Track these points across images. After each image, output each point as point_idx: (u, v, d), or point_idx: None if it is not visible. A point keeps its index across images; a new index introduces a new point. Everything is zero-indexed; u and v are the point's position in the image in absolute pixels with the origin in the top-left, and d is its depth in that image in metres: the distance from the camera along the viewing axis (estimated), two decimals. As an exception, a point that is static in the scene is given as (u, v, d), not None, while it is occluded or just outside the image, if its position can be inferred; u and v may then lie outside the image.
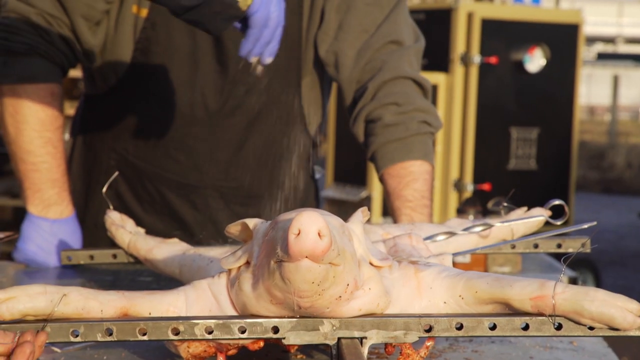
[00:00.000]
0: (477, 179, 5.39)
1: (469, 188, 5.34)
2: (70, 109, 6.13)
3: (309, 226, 1.11)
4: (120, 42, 2.16)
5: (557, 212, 1.76)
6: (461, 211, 3.00)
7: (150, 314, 1.27)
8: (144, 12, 2.14)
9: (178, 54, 2.17)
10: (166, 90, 2.19)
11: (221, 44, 2.17)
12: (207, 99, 2.20)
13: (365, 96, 2.16)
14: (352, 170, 5.57)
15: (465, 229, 1.68)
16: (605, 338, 1.58)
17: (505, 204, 1.79)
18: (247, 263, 1.26)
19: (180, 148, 2.23)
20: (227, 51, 2.17)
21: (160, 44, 2.16)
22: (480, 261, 2.70)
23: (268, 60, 1.83)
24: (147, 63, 2.17)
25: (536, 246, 1.74)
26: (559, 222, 1.72)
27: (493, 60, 5.33)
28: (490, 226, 1.69)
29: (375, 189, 5.34)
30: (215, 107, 2.21)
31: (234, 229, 1.31)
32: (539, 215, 1.74)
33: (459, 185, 5.36)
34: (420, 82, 2.18)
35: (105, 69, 2.22)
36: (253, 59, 1.82)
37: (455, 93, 5.34)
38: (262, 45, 1.78)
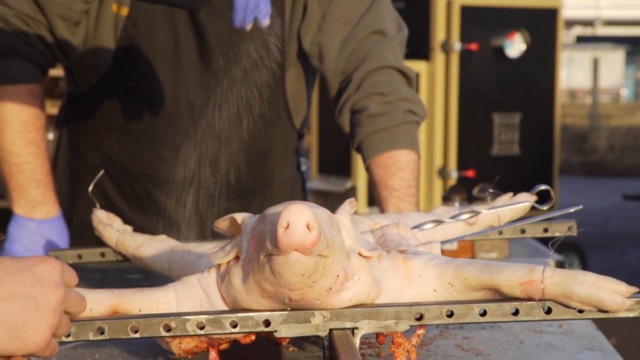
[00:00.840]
0: (461, 165, 5.40)
1: (454, 175, 5.35)
2: (52, 108, 6.11)
3: (298, 219, 1.11)
4: (101, 41, 2.15)
5: (543, 197, 1.76)
6: (447, 199, 3.02)
7: (140, 311, 1.27)
8: (125, 11, 2.13)
9: (160, 50, 2.16)
10: (149, 88, 2.19)
11: (203, 40, 2.16)
12: (191, 95, 2.19)
13: (350, 87, 2.16)
14: (337, 161, 5.57)
15: (453, 217, 1.68)
16: (594, 320, 1.59)
17: (491, 190, 1.80)
18: (237, 257, 1.26)
19: (166, 145, 2.23)
20: (210, 46, 2.16)
21: (142, 42, 2.15)
22: (467, 248, 2.71)
23: (265, 22, 1.82)
24: (129, 61, 2.17)
25: (523, 231, 1.75)
26: (545, 207, 1.73)
27: (473, 47, 5.34)
28: (477, 213, 1.69)
29: (360, 180, 5.35)
30: (200, 103, 2.20)
31: (222, 224, 1.31)
32: (525, 200, 1.74)
33: (443, 173, 5.37)
34: (404, 71, 2.18)
35: (86, 68, 2.21)
36: (249, 26, 1.81)
37: (437, 81, 5.35)
38: (252, 10, 1.78)
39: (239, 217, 1.29)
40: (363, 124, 2.13)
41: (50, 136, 5.55)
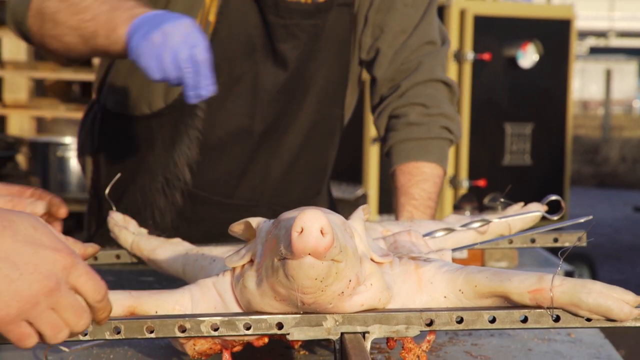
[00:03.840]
0: (472, 175, 5.42)
1: (465, 184, 5.36)
2: (67, 112, 6.16)
3: (312, 224, 1.14)
4: None
5: (553, 208, 1.78)
6: (458, 207, 3.03)
7: (156, 312, 1.29)
8: None
9: (239, 84, 2.15)
10: (225, 119, 2.18)
11: (284, 71, 2.17)
12: (265, 123, 2.20)
13: (396, 94, 2.18)
14: (348, 169, 5.59)
15: (463, 225, 1.70)
16: (602, 330, 1.61)
17: (502, 200, 1.82)
18: (251, 261, 1.29)
19: (236, 172, 2.23)
20: (290, 77, 2.17)
21: (221, 76, 2.12)
22: (477, 256, 2.73)
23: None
24: None
25: (533, 241, 1.77)
26: (555, 217, 1.75)
27: (486, 56, 5.35)
28: (487, 222, 1.71)
29: (371, 187, 5.37)
30: (273, 129, 2.22)
31: (237, 227, 1.34)
32: (536, 210, 1.76)
33: (454, 182, 5.38)
34: (450, 84, 2.21)
35: (153, 94, 2.18)
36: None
37: (449, 90, 5.36)
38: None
39: (254, 221, 1.31)
40: (398, 130, 2.15)
41: (67, 139, 5.58)
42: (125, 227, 1.80)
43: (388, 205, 5.32)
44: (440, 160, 2.14)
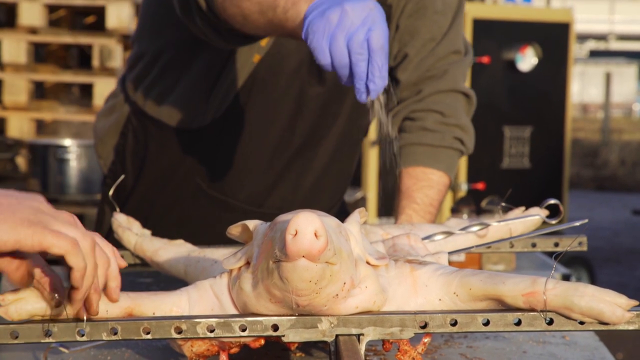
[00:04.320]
0: (471, 178, 5.43)
1: (463, 187, 5.37)
2: (66, 114, 6.16)
3: (306, 227, 1.15)
4: (232, 82, 2.15)
5: (551, 211, 1.79)
6: (455, 210, 3.05)
7: (154, 313, 1.30)
8: (257, 58, 2.13)
9: (282, 97, 2.17)
10: (267, 132, 2.20)
11: (325, 89, 2.18)
12: (304, 136, 2.22)
13: (416, 97, 2.19)
14: (347, 171, 5.60)
15: (463, 229, 1.71)
16: (598, 333, 1.62)
17: (502, 204, 1.82)
18: (248, 263, 1.30)
19: (269, 182, 2.24)
20: (332, 96, 2.19)
21: (266, 87, 2.15)
22: (474, 260, 2.74)
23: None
24: (247, 103, 2.17)
25: (534, 245, 1.77)
26: (553, 221, 1.75)
27: (485, 59, 5.37)
28: (487, 226, 1.72)
29: (370, 190, 5.38)
30: (308, 141, 2.24)
31: (234, 230, 1.35)
32: (535, 214, 1.77)
33: (453, 185, 5.39)
34: (470, 96, 2.22)
35: (204, 110, 2.19)
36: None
37: (449, 93, 5.37)
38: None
39: (251, 224, 1.32)
40: (412, 132, 2.17)
41: (67, 142, 5.59)
42: (128, 229, 1.80)
43: (387, 208, 5.33)
44: (448, 169, 2.16)
